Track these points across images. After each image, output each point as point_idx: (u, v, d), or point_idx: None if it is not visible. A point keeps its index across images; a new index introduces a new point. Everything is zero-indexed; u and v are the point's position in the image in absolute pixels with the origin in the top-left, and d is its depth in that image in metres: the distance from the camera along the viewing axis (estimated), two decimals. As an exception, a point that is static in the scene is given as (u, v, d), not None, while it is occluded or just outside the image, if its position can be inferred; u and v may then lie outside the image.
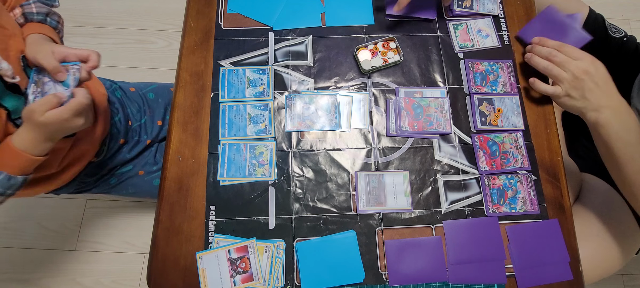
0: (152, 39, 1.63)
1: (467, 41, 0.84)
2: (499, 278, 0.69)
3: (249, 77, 0.79)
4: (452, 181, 0.75)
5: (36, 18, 0.72)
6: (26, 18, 0.72)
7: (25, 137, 0.64)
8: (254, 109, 0.77)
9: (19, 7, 0.72)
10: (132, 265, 1.34)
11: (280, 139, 0.76)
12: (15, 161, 0.65)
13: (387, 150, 0.76)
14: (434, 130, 0.77)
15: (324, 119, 0.78)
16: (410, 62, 0.82)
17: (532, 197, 0.74)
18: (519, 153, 0.76)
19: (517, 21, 0.86)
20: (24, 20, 0.72)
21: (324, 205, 0.72)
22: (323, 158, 0.75)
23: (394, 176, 0.74)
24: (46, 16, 0.74)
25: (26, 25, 0.72)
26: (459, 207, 0.73)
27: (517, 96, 0.80)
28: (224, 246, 0.69)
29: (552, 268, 0.70)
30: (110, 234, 1.38)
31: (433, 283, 0.69)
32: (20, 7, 0.72)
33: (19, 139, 0.64)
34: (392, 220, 0.72)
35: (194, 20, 0.84)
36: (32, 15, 0.72)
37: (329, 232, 0.71)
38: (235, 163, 0.74)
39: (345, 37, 0.83)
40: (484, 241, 0.71)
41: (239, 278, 0.67)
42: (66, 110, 0.63)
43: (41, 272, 1.33)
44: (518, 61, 0.83)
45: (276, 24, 0.84)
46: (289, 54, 0.82)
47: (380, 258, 0.70)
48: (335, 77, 0.81)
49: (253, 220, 0.71)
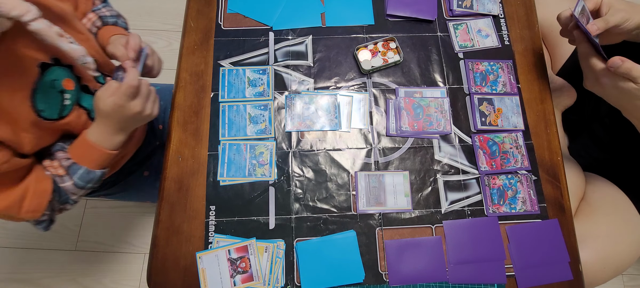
0: (152, 39, 1.63)
1: (467, 41, 0.84)
2: (499, 278, 0.69)
3: (249, 77, 0.79)
4: (452, 181, 0.75)
5: (110, 21, 0.77)
6: (102, 21, 0.76)
7: (97, 130, 0.66)
8: (254, 109, 0.77)
9: (92, 12, 0.77)
10: (132, 265, 1.34)
11: (280, 139, 0.76)
12: (92, 155, 0.66)
13: (387, 150, 0.76)
14: (434, 130, 0.77)
15: (324, 119, 0.78)
16: (410, 62, 0.82)
17: (532, 197, 0.74)
18: (519, 153, 0.76)
19: (517, 21, 0.86)
20: (101, 23, 0.76)
21: (324, 205, 0.72)
22: (323, 158, 0.75)
23: (394, 176, 0.74)
24: (117, 18, 0.79)
25: (103, 29, 0.76)
26: (459, 207, 0.73)
27: (517, 96, 0.80)
28: (224, 246, 0.69)
29: (552, 268, 0.70)
30: (110, 234, 1.38)
31: (433, 283, 0.69)
32: (92, 12, 0.77)
33: (93, 133, 0.66)
34: (392, 220, 0.72)
35: (194, 20, 0.84)
36: (106, 18, 0.77)
37: (329, 232, 0.71)
38: (235, 164, 0.74)
39: (345, 37, 0.83)
40: (484, 241, 0.71)
41: (239, 278, 0.67)
42: (118, 93, 0.63)
43: (41, 272, 1.33)
44: (518, 61, 0.83)
45: (276, 24, 0.84)
46: (289, 54, 0.82)
47: (380, 258, 0.70)
48: (335, 77, 0.81)
49: (253, 220, 0.71)
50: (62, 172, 0.66)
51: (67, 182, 0.66)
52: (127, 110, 0.65)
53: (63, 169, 0.66)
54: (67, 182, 0.66)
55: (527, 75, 0.82)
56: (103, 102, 0.63)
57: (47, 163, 0.67)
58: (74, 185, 0.67)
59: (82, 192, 0.69)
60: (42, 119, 0.61)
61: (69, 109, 0.66)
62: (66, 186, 0.66)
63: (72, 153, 0.67)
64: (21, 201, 0.61)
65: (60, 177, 0.66)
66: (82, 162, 0.66)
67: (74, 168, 0.66)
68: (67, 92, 0.65)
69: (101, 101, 0.63)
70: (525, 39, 0.85)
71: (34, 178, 0.63)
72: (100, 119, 0.66)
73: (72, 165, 0.66)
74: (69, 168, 0.66)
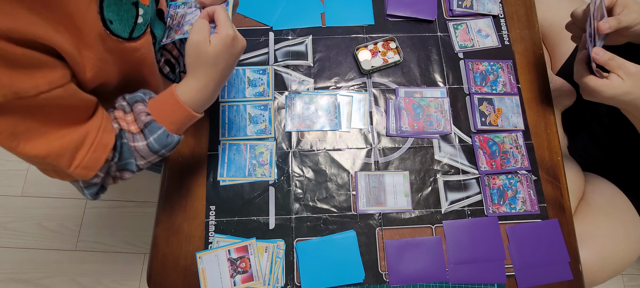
0: (152, 39, 1.62)
1: (467, 41, 0.84)
2: (499, 278, 0.69)
3: (249, 77, 0.79)
4: (452, 181, 0.75)
5: None
6: None
7: (193, 86, 0.55)
8: (254, 109, 0.77)
9: None
10: (132, 265, 1.34)
11: (280, 139, 0.76)
12: (176, 115, 0.55)
13: (387, 150, 0.76)
14: (434, 130, 0.77)
15: (324, 119, 0.78)
16: (410, 62, 0.82)
17: (532, 197, 0.74)
18: (519, 153, 0.76)
19: (517, 21, 0.86)
20: None
21: (324, 205, 0.72)
22: (323, 159, 0.75)
23: (394, 176, 0.74)
24: None
25: None
26: (459, 207, 0.73)
27: (517, 96, 0.80)
28: (224, 246, 0.69)
29: (552, 268, 0.70)
30: (110, 234, 1.37)
31: (433, 283, 0.69)
32: None
33: (184, 89, 0.55)
34: (392, 220, 0.72)
35: (194, 20, 0.84)
36: None
37: (329, 232, 0.71)
38: (235, 164, 0.74)
39: (345, 37, 0.83)
40: (484, 241, 0.71)
41: (239, 278, 0.67)
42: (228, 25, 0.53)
43: (41, 272, 1.33)
44: (518, 61, 0.83)
45: (276, 24, 0.84)
46: (289, 54, 0.82)
47: (380, 258, 0.70)
48: (335, 77, 0.81)
49: (253, 220, 0.71)
50: (135, 128, 0.54)
51: (140, 142, 0.54)
52: (238, 47, 0.55)
53: (137, 126, 0.54)
54: (141, 141, 0.54)
55: (527, 75, 0.82)
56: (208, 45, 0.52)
57: (119, 114, 0.55)
58: (148, 148, 0.54)
59: (152, 157, 0.56)
60: (110, 34, 0.49)
61: (141, 30, 0.54)
62: (138, 146, 0.54)
63: (153, 108, 0.55)
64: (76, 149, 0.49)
65: (132, 135, 0.54)
66: (163, 122, 0.54)
67: (153, 127, 0.54)
68: (142, 7, 0.53)
69: (205, 44, 0.52)
70: (525, 39, 0.85)
71: (96, 125, 0.51)
72: (203, 68, 0.54)
73: (151, 122, 0.54)
74: (147, 126, 0.54)
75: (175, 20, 0.62)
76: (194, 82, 0.55)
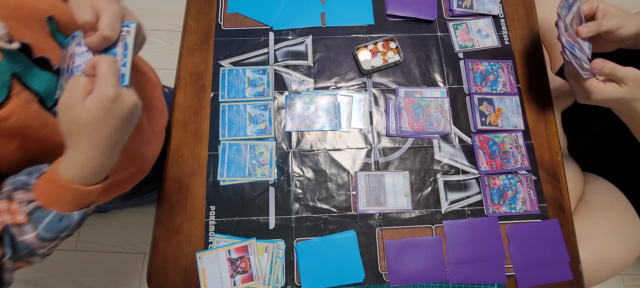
0: (152, 39, 1.62)
1: (467, 41, 0.84)
2: (499, 278, 0.69)
3: (249, 77, 0.79)
4: (452, 181, 0.75)
5: None
6: None
7: (75, 161, 0.45)
8: (254, 109, 0.77)
9: None
10: (132, 265, 1.34)
11: (280, 139, 0.76)
12: (65, 196, 0.46)
13: (387, 150, 0.76)
14: (434, 130, 0.77)
15: (324, 119, 0.78)
16: (410, 62, 0.82)
17: (532, 197, 0.74)
18: (519, 153, 0.76)
19: (517, 21, 0.86)
20: None
21: (324, 205, 0.72)
22: (323, 159, 0.75)
23: (394, 176, 0.74)
24: None
25: None
26: (459, 207, 0.73)
27: (517, 96, 0.80)
28: (224, 246, 0.69)
29: (552, 268, 0.70)
30: (110, 234, 1.37)
31: (433, 283, 0.69)
32: None
33: (65, 166, 0.45)
34: (392, 220, 0.72)
35: (194, 20, 0.84)
36: None
37: (329, 232, 0.71)
38: (235, 164, 0.74)
39: (345, 37, 0.83)
40: (484, 241, 0.71)
41: (239, 278, 0.67)
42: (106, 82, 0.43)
43: (41, 272, 1.33)
44: (518, 61, 0.83)
45: (276, 24, 0.84)
46: (289, 54, 0.82)
47: (380, 258, 0.70)
48: (335, 77, 0.81)
49: (253, 220, 0.71)
50: (23, 218, 0.45)
51: (29, 234, 0.45)
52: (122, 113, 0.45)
53: (23, 215, 0.45)
54: (30, 233, 0.45)
55: (527, 75, 0.82)
56: (82, 109, 0.43)
57: (2, 205, 0.46)
58: (38, 238, 0.45)
59: (53, 244, 0.47)
60: None
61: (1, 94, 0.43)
62: (26, 240, 0.45)
63: (40, 191, 0.46)
64: None
65: (19, 227, 0.45)
66: (54, 205, 0.46)
67: (40, 215, 0.45)
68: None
69: (77, 107, 0.42)
70: (525, 39, 0.85)
71: None
72: (78, 137, 0.45)
73: (35, 209, 0.45)
74: (32, 215, 0.45)
75: (66, 62, 0.50)
76: (74, 155, 0.45)
